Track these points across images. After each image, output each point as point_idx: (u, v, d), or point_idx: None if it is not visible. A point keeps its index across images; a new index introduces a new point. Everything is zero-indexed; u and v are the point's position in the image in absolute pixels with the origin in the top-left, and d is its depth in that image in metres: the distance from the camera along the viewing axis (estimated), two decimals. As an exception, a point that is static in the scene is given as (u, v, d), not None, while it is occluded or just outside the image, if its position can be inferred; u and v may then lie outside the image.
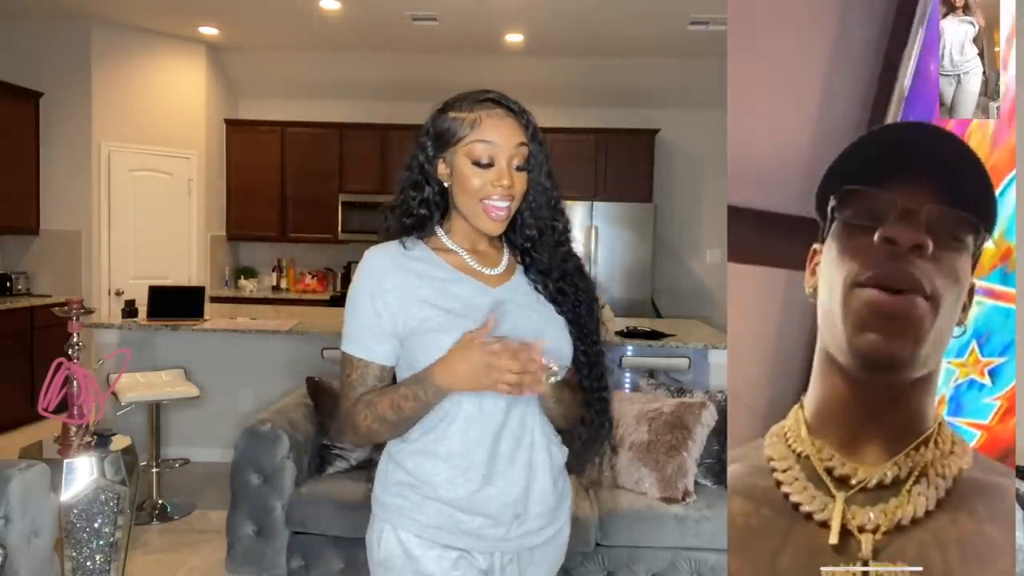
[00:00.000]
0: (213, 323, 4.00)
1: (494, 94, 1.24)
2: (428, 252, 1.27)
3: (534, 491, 1.25)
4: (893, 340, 1.15)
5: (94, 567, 2.46)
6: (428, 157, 1.25)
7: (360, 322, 1.23)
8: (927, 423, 1.20)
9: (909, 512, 1.16)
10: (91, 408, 2.52)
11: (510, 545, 1.25)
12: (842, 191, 1.20)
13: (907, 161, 1.17)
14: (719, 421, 2.76)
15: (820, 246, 1.25)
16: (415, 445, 1.24)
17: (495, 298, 1.25)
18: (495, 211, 1.22)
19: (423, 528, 1.22)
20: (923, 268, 1.14)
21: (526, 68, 6.34)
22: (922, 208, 1.15)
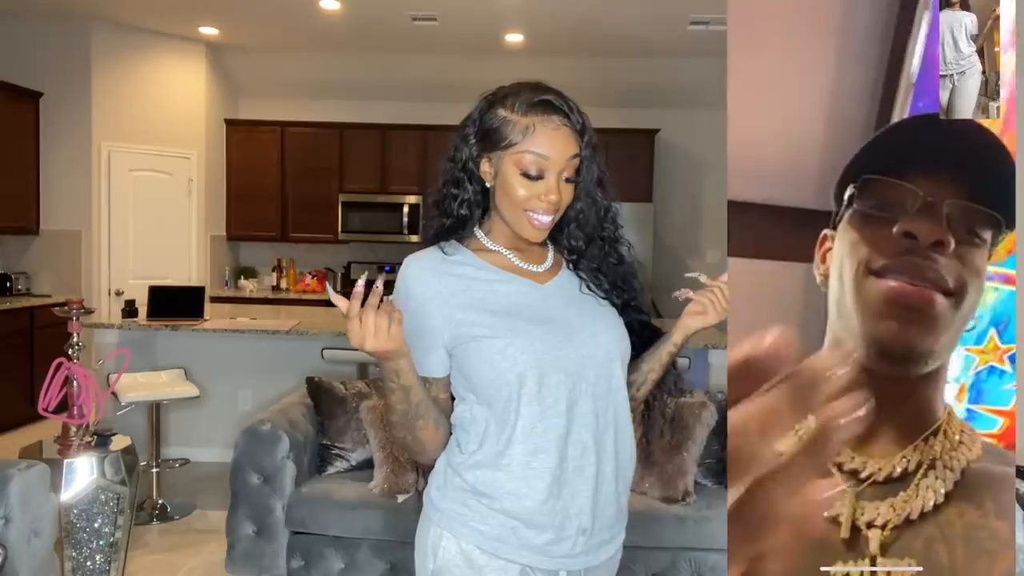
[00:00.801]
0: (213, 323, 4.00)
1: (551, 95, 1.17)
2: (470, 255, 1.21)
3: (600, 503, 1.18)
4: (911, 330, 1.13)
5: (94, 567, 2.46)
6: (472, 155, 1.19)
7: (408, 338, 1.11)
8: (936, 416, 1.20)
9: (917, 506, 1.15)
10: (91, 408, 2.52)
11: (575, 562, 1.18)
12: (862, 180, 1.18)
13: (931, 154, 1.16)
14: (719, 421, 2.76)
15: (831, 232, 1.24)
16: (475, 458, 1.16)
17: (545, 295, 1.20)
18: (538, 221, 1.16)
19: (485, 540, 1.15)
20: (944, 264, 1.13)
21: (526, 68, 6.29)
22: (941, 202, 1.13)
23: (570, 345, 1.15)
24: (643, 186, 6.36)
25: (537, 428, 1.13)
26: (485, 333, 1.13)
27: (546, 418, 1.13)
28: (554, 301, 1.19)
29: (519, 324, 1.14)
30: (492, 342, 1.12)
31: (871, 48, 1.36)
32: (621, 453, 1.22)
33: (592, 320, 1.20)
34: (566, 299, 1.21)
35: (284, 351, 4.15)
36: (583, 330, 1.17)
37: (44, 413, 2.38)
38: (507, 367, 1.12)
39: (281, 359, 4.15)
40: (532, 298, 1.18)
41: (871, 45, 1.36)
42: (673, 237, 6.78)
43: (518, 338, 1.13)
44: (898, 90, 1.35)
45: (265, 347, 4.18)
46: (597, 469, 1.17)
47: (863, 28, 1.36)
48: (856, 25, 1.36)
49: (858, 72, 1.36)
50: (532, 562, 1.15)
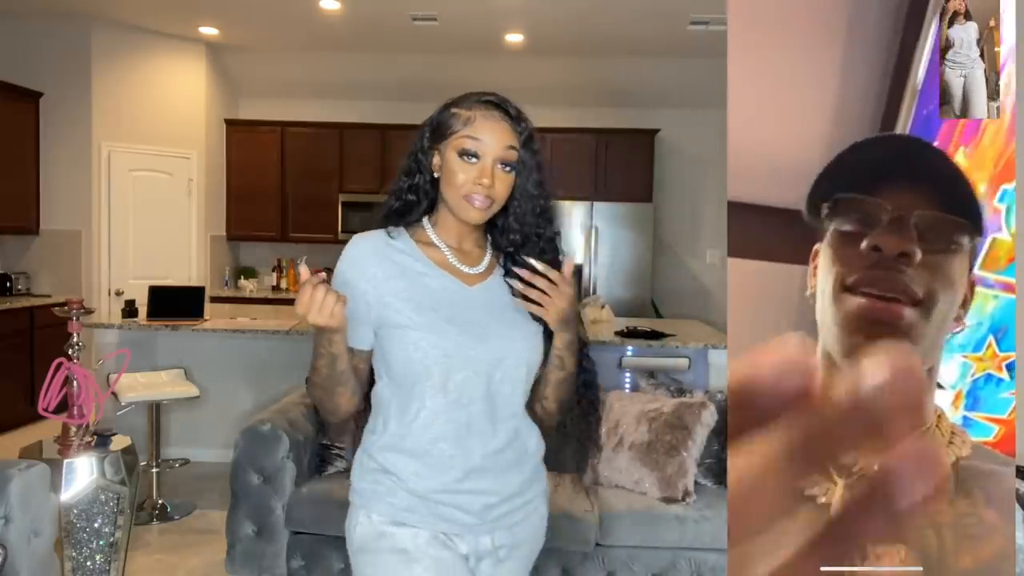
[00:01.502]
0: (213, 323, 4.00)
1: (497, 97, 1.29)
2: (411, 244, 1.31)
3: (502, 487, 1.28)
4: (880, 342, 1.18)
5: (94, 567, 2.46)
6: (424, 147, 1.30)
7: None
8: (926, 418, 1.25)
9: None
10: (91, 408, 2.52)
11: (483, 528, 1.29)
12: (834, 198, 1.23)
13: (896, 171, 1.22)
14: (719, 421, 2.76)
15: (820, 246, 1.30)
16: (383, 439, 1.28)
17: (469, 296, 1.29)
18: (477, 202, 1.25)
19: (397, 511, 1.27)
20: (911, 274, 1.18)
21: (526, 68, 6.34)
22: (910, 215, 1.18)
23: (482, 347, 1.25)
24: (643, 186, 6.36)
25: (440, 419, 1.25)
26: (405, 322, 1.24)
27: (449, 410, 1.24)
28: (477, 304, 1.29)
29: (437, 320, 1.24)
30: (409, 332, 1.23)
31: (878, 53, 1.37)
32: (523, 445, 1.32)
33: (509, 327, 1.28)
34: (489, 303, 1.30)
35: (284, 351, 4.15)
36: (497, 335, 1.26)
37: (44, 413, 2.38)
38: (418, 358, 1.23)
39: (281, 359, 4.15)
40: (456, 297, 1.28)
41: (878, 50, 1.37)
42: (673, 237, 6.78)
43: (432, 334, 1.23)
44: (904, 95, 1.36)
45: (265, 347, 4.18)
46: (497, 459, 1.28)
47: (871, 32, 1.37)
48: (864, 29, 1.38)
49: (864, 76, 1.38)
50: (442, 528, 1.27)
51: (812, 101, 1.39)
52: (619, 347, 3.82)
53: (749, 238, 1.40)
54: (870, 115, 1.38)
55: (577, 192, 6.34)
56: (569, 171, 6.42)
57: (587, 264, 6.19)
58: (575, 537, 2.57)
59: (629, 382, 3.89)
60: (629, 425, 2.84)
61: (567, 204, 6.22)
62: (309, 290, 1.14)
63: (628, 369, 3.84)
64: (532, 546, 1.40)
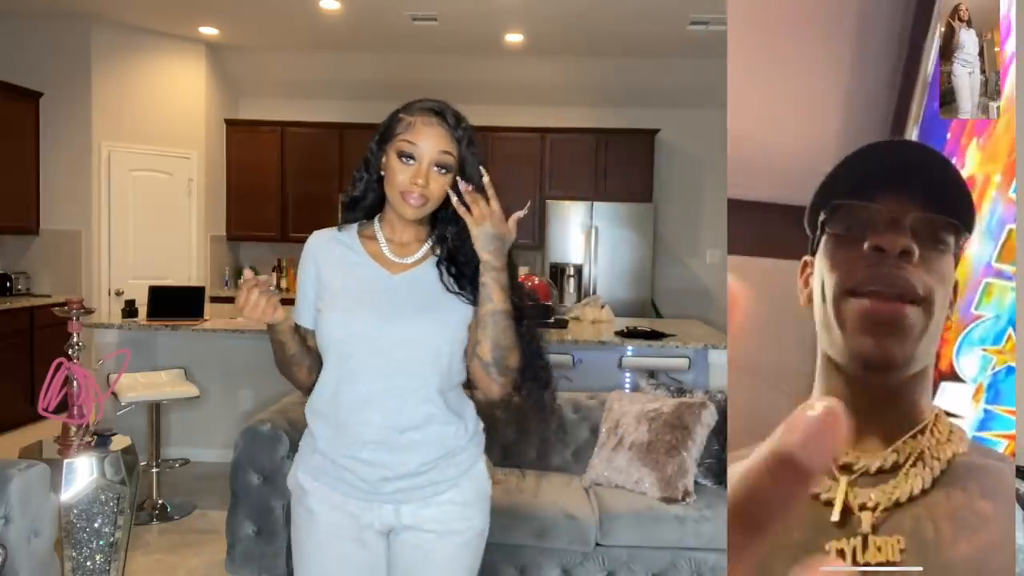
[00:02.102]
0: (213, 323, 4.00)
1: (438, 105, 1.42)
2: (355, 238, 1.47)
3: (405, 464, 1.39)
4: (886, 343, 1.24)
5: (94, 567, 2.46)
6: (372, 149, 1.45)
7: (298, 292, 1.50)
8: (923, 415, 1.30)
9: (906, 491, 1.27)
10: (91, 408, 2.52)
11: (381, 499, 1.41)
12: (831, 205, 1.28)
13: (889, 176, 1.26)
14: (719, 421, 2.76)
15: (811, 258, 1.34)
16: (310, 404, 1.47)
17: (391, 284, 1.42)
18: (412, 200, 1.37)
19: (311, 470, 1.45)
20: (911, 273, 1.23)
21: (526, 68, 6.34)
22: (906, 217, 1.23)
23: (389, 328, 1.38)
24: (643, 186, 6.36)
25: (343, 392, 1.39)
26: (327, 306, 1.41)
27: (351, 384, 1.39)
28: (398, 291, 1.41)
29: (351, 304, 1.40)
30: (324, 314, 1.41)
31: (889, 48, 1.39)
32: (437, 432, 1.41)
33: (424, 311, 1.40)
34: (409, 290, 1.42)
35: (284, 351, 4.15)
36: (406, 318, 1.38)
37: (44, 413, 2.38)
38: (326, 334, 1.41)
39: (281, 359, 4.14)
40: (377, 285, 1.42)
41: (889, 45, 1.40)
42: (673, 237, 6.78)
43: (338, 314, 1.39)
44: (915, 89, 1.38)
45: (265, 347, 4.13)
46: (399, 437, 1.39)
47: (882, 28, 1.40)
48: (874, 25, 1.40)
49: (875, 72, 1.40)
50: (345, 492, 1.41)
51: (827, 100, 1.41)
52: (619, 347, 3.82)
53: (750, 235, 1.42)
54: (882, 110, 1.41)
55: (577, 192, 6.34)
56: (569, 171, 6.43)
57: (587, 264, 6.19)
58: (575, 537, 2.57)
59: (629, 382, 3.89)
60: (629, 425, 2.84)
61: (567, 204, 6.22)
62: (245, 292, 1.33)
63: (628, 369, 3.84)
64: (464, 537, 1.46)
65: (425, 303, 1.41)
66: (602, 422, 2.95)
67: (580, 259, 6.18)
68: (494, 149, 6.42)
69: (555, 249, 6.21)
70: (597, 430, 2.96)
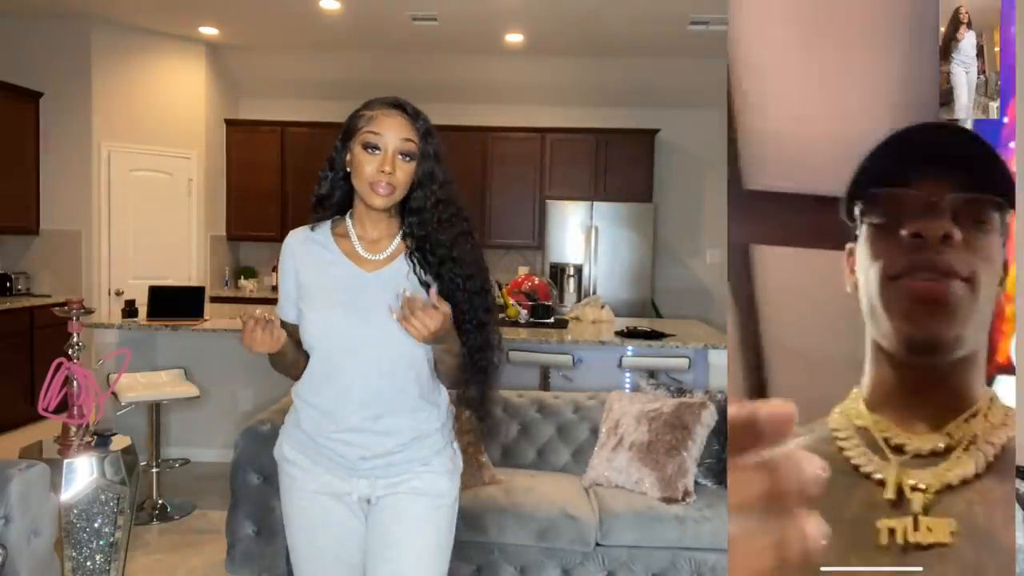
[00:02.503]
0: (213, 323, 4.00)
1: (396, 99, 1.48)
2: (328, 236, 1.53)
3: (381, 446, 1.48)
4: (931, 323, 1.24)
5: (94, 567, 2.46)
6: (337, 148, 1.51)
7: (280, 290, 1.58)
8: (974, 399, 1.30)
9: (958, 474, 1.28)
10: (91, 408, 2.51)
11: (359, 474, 1.50)
12: (868, 195, 1.28)
13: (923, 159, 1.25)
14: (719, 421, 2.76)
15: (854, 245, 1.34)
16: (296, 387, 1.56)
17: (365, 281, 1.48)
18: (381, 189, 1.43)
19: (296, 443, 1.56)
20: (955, 255, 1.22)
21: (526, 68, 6.34)
22: (944, 199, 1.23)
23: (365, 326, 1.44)
24: (643, 186, 6.36)
25: (326, 385, 1.49)
26: (306, 305, 1.49)
27: (330, 377, 1.48)
28: (371, 288, 1.47)
29: (327, 303, 1.47)
30: (305, 313, 1.49)
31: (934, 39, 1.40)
32: (404, 412, 1.50)
33: (394, 303, 1.43)
34: (383, 287, 1.46)
35: (284, 351, 4.15)
36: (381, 316, 1.42)
37: (44, 413, 2.38)
38: (309, 332, 1.49)
39: (281, 359, 4.14)
40: (352, 283, 1.48)
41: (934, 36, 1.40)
42: (673, 237, 6.78)
43: (318, 313, 1.47)
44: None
45: (265, 347, 4.17)
46: (376, 423, 1.48)
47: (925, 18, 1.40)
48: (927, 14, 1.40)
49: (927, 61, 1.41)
50: (324, 466, 1.52)
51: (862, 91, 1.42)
52: (619, 347, 3.82)
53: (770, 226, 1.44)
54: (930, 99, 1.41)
55: (577, 192, 6.34)
56: (569, 171, 6.43)
57: (587, 264, 6.19)
58: (575, 537, 2.57)
59: (629, 382, 3.89)
60: (629, 425, 2.84)
61: (567, 204, 6.22)
62: (248, 330, 1.42)
63: (628, 369, 3.84)
64: (435, 501, 1.54)
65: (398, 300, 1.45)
66: (602, 422, 2.95)
67: (580, 259, 6.18)
68: (494, 149, 6.42)
69: (555, 249, 6.21)
70: (597, 430, 2.96)
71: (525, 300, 4.35)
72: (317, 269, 1.50)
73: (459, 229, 1.49)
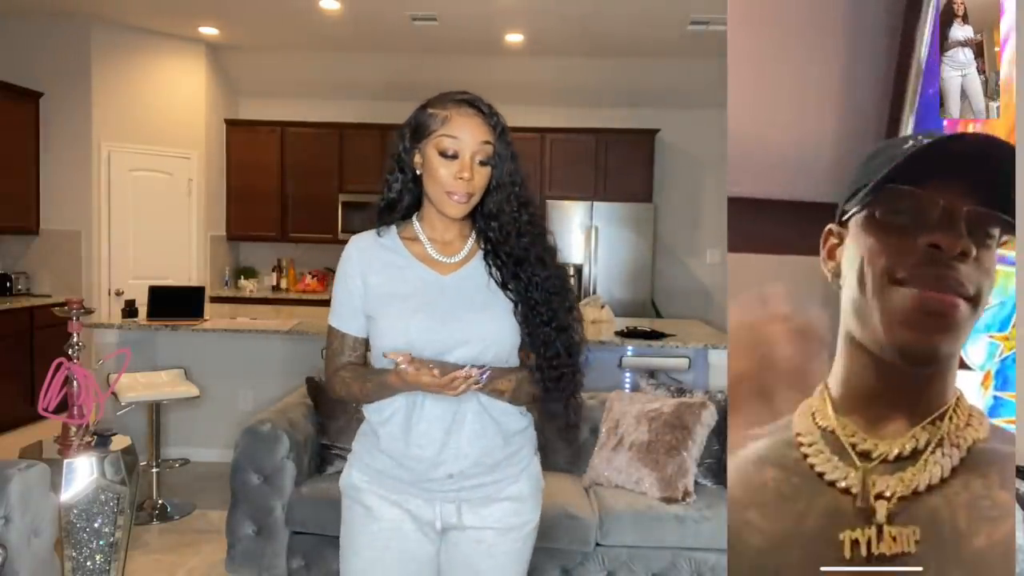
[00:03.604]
0: (213, 323, 4.00)
1: (469, 96, 1.39)
2: (397, 241, 1.44)
3: (467, 456, 1.39)
4: (935, 336, 1.21)
5: (94, 567, 2.46)
6: (405, 147, 1.41)
7: (340, 300, 1.45)
8: (944, 400, 1.27)
9: (925, 479, 1.25)
10: (91, 408, 2.51)
11: (447, 496, 1.42)
12: (883, 187, 1.22)
13: (949, 163, 1.21)
14: (719, 421, 2.76)
15: (836, 227, 1.29)
16: (375, 405, 1.44)
17: (443, 285, 1.40)
18: (457, 198, 1.35)
19: (371, 471, 1.45)
20: (964, 272, 1.19)
21: (526, 68, 6.34)
22: (960, 210, 1.18)
23: (445, 330, 1.36)
24: (643, 186, 6.36)
25: (408, 395, 1.38)
26: (379, 313, 1.39)
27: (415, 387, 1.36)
28: (449, 291, 1.40)
29: (406, 309, 1.37)
30: (379, 321, 1.39)
31: (880, 39, 1.38)
32: (486, 419, 1.41)
33: (478, 311, 1.39)
34: (460, 290, 1.40)
35: (284, 351, 4.15)
36: (463, 319, 1.37)
37: (44, 413, 2.38)
38: (386, 343, 1.38)
39: (281, 359, 4.15)
40: (430, 287, 1.40)
41: (881, 37, 1.38)
42: (673, 237, 6.78)
43: (398, 321, 1.37)
44: (908, 77, 1.37)
45: (265, 347, 4.18)
46: (458, 429, 1.39)
47: (874, 20, 1.38)
48: (866, 18, 1.38)
49: (870, 63, 1.39)
50: (408, 492, 1.42)
51: (820, 95, 1.40)
52: (619, 347, 3.82)
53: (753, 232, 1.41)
54: (878, 99, 1.39)
55: (577, 192, 6.34)
56: (569, 171, 6.42)
57: (587, 264, 6.19)
58: (575, 537, 2.57)
59: (629, 382, 3.89)
60: (629, 425, 2.84)
61: (567, 204, 6.22)
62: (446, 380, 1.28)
63: (628, 369, 3.84)
64: (523, 532, 1.47)
65: (480, 301, 1.40)
66: (602, 422, 2.95)
67: (580, 259, 6.18)
68: (494, 149, 6.42)
69: (555, 249, 6.20)
70: (597, 430, 2.96)
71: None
72: (388, 274, 1.41)
73: (538, 230, 1.43)
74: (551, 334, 1.39)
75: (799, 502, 1.31)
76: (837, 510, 1.27)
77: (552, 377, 1.40)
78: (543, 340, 1.39)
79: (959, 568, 1.23)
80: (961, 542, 1.23)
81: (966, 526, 1.22)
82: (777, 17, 1.39)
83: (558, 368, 1.40)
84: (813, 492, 1.30)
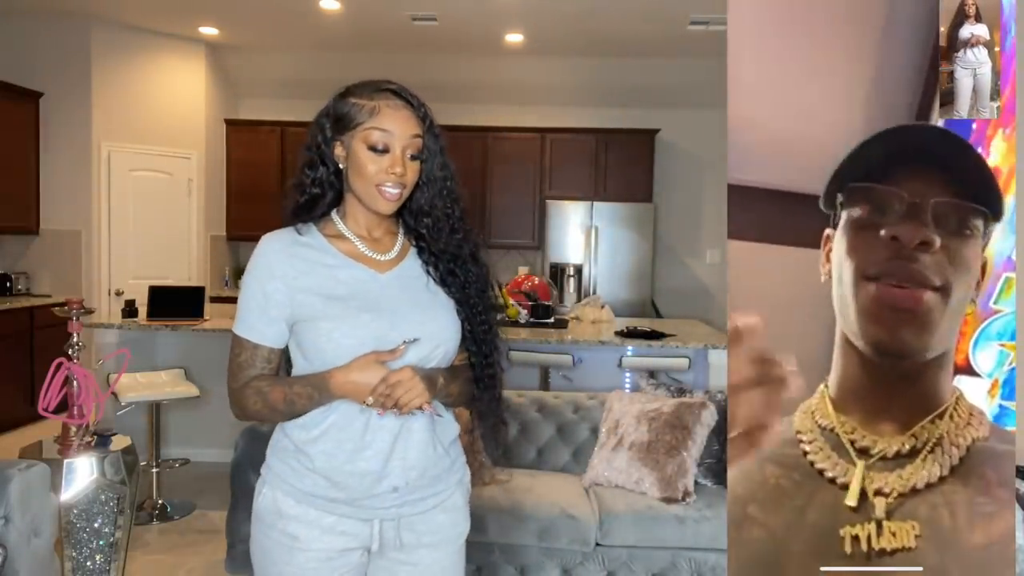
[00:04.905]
0: (213, 323, 4.00)
1: (394, 85, 1.32)
2: (320, 239, 1.33)
3: (413, 467, 1.30)
4: (901, 330, 1.23)
5: (94, 567, 2.46)
6: (326, 138, 1.30)
7: (250, 306, 1.31)
8: (943, 398, 1.29)
9: (923, 477, 1.26)
10: (91, 408, 2.51)
11: (388, 513, 1.32)
12: (849, 187, 1.25)
13: (912, 159, 1.23)
14: (719, 421, 2.76)
15: (831, 231, 1.32)
16: (300, 423, 1.31)
17: (382, 283, 1.31)
18: (388, 194, 1.27)
19: (300, 494, 1.30)
20: (930, 262, 1.21)
21: (526, 68, 6.34)
22: (927, 202, 1.20)
23: (394, 332, 1.27)
24: (643, 186, 6.36)
25: (349, 403, 1.27)
26: (318, 315, 1.26)
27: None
28: (390, 290, 1.31)
29: (349, 310, 1.26)
30: (320, 323, 1.26)
31: (916, 37, 1.39)
32: (430, 429, 1.32)
33: (422, 309, 1.32)
34: (402, 288, 1.32)
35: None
36: (409, 319, 1.29)
37: (44, 413, 2.38)
38: (330, 348, 1.25)
39: (281, 359, 4.14)
40: (368, 286, 1.30)
41: (916, 35, 1.39)
42: (673, 237, 6.78)
43: (344, 324, 1.25)
44: (939, 79, 1.37)
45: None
46: (406, 439, 1.29)
47: (909, 19, 1.39)
48: (901, 16, 1.39)
49: (901, 62, 1.39)
50: (344, 513, 1.30)
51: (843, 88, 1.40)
52: (619, 347, 3.82)
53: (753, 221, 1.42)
54: (907, 98, 1.40)
55: (577, 192, 6.34)
56: (569, 171, 6.42)
57: (587, 264, 6.19)
58: (575, 537, 2.57)
59: (629, 382, 3.89)
60: (629, 425, 2.84)
61: (567, 204, 6.22)
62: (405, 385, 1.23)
63: (628, 369, 3.84)
64: (457, 544, 1.41)
65: (424, 300, 1.33)
66: (602, 422, 2.95)
67: (580, 259, 6.18)
68: (494, 149, 6.42)
69: (555, 249, 6.21)
70: (597, 430, 2.96)
71: (525, 300, 4.35)
72: (317, 276, 1.29)
73: (468, 226, 1.38)
74: (488, 331, 1.37)
75: (799, 498, 1.32)
76: (837, 505, 1.28)
77: (488, 375, 1.37)
78: (482, 337, 1.36)
79: (958, 566, 1.24)
80: (960, 538, 1.24)
81: (965, 524, 1.24)
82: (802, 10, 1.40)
83: (493, 366, 1.38)
84: (813, 488, 1.31)
